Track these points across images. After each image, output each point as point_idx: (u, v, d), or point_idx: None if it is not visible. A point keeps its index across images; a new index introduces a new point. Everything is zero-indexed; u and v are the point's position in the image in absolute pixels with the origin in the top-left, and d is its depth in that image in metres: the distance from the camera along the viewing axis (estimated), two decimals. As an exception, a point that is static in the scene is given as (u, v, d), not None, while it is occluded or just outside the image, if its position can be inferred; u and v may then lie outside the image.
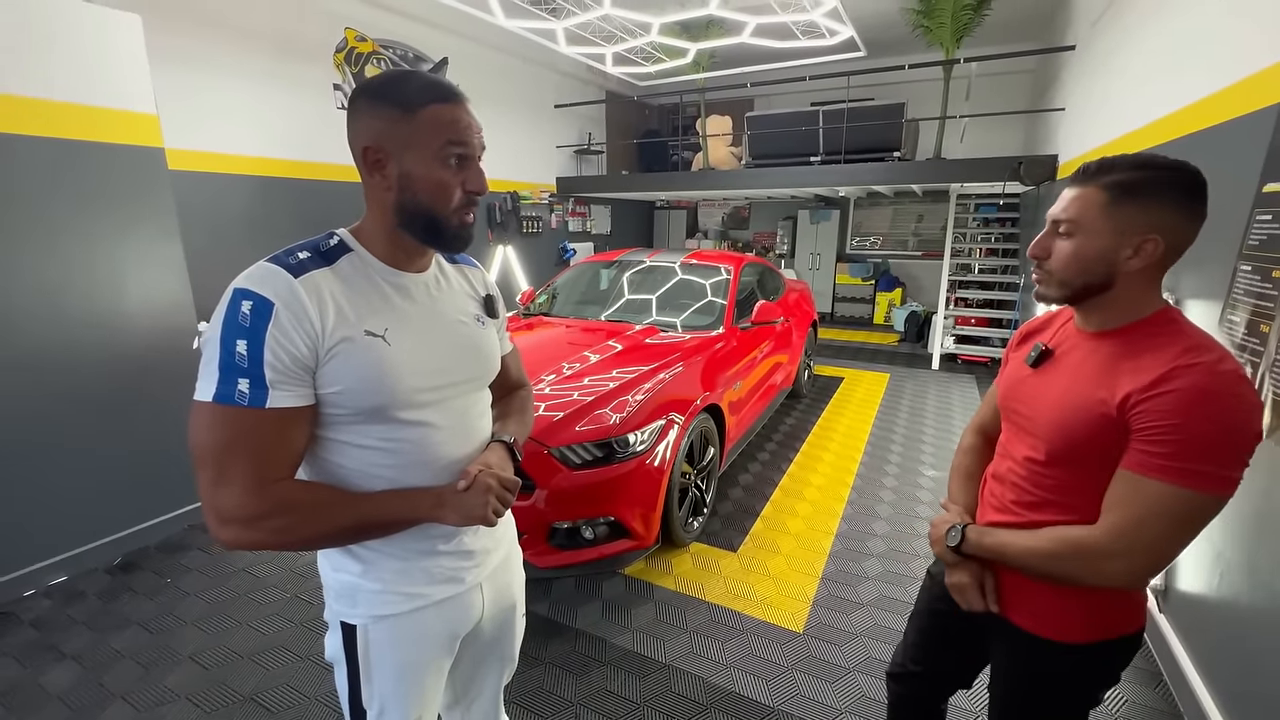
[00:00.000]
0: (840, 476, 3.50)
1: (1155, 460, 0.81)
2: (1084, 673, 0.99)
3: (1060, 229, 0.91)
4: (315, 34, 4.68)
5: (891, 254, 8.83)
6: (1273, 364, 1.49)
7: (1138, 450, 0.83)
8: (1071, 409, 0.90)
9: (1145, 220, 0.85)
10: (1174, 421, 0.79)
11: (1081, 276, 0.89)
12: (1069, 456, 0.92)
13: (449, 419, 0.92)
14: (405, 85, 0.82)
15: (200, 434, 0.76)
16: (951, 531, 1.02)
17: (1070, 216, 0.90)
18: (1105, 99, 3.85)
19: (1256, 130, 1.73)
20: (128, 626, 2.20)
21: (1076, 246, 0.89)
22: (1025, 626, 1.00)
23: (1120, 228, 0.85)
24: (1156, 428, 0.80)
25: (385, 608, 0.90)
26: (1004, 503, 1.03)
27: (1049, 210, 0.94)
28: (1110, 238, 0.86)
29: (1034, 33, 6.72)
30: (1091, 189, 0.88)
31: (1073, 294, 0.92)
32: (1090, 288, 0.90)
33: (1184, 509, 0.81)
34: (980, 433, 1.22)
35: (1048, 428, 0.94)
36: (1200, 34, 2.41)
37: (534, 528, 2.19)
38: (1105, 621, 0.96)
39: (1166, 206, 0.84)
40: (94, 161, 2.46)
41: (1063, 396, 0.93)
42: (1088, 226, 0.88)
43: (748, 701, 1.88)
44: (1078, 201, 0.89)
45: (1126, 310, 0.90)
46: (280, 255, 0.81)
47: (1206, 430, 0.78)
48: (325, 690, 1.90)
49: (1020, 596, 1.01)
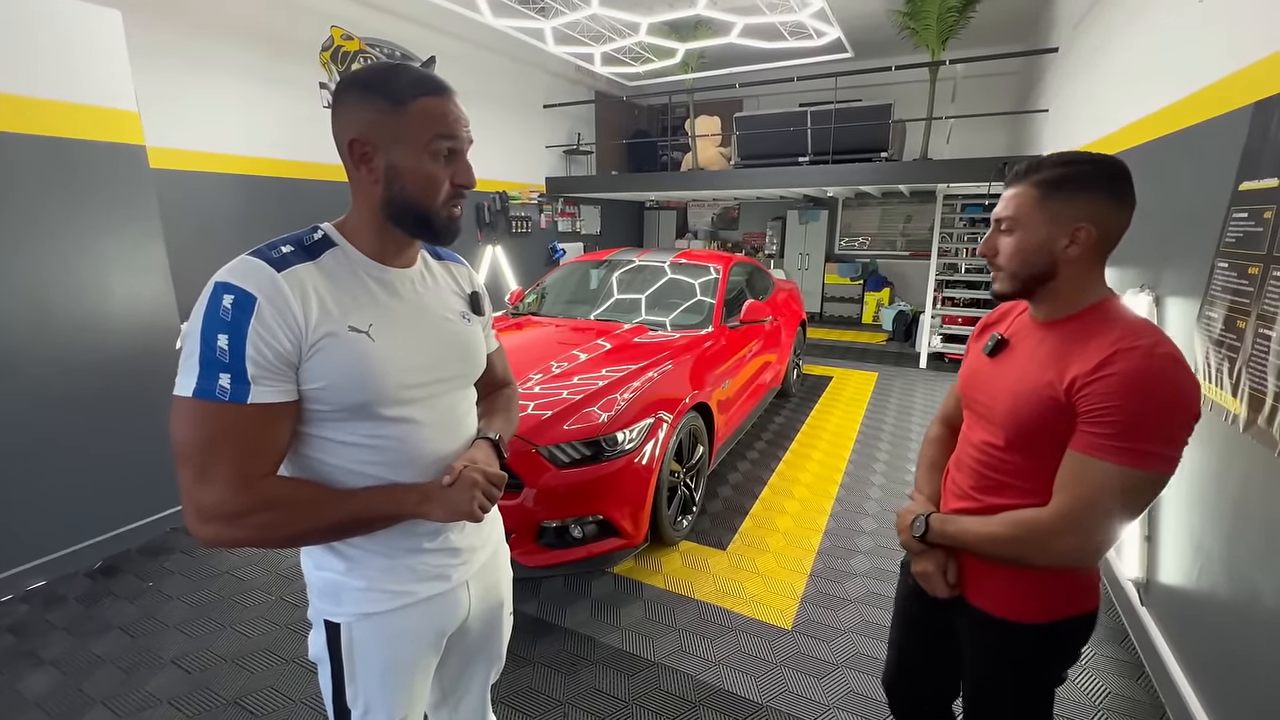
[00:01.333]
0: (829, 474, 3.52)
1: (1099, 440, 0.85)
2: (1043, 652, 1.04)
3: (1002, 227, 0.99)
4: (301, 32, 4.63)
5: (880, 254, 8.90)
6: (1249, 359, 1.52)
7: (1083, 431, 0.88)
8: (1024, 395, 0.96)
9: (1074, 211, 0.91)
10: (1115, 403, 0.84)
11: (1026, 267, 0.96)
12: (1023, 441, 0.96)
13: (434, 416, 0.91)
14: (394, 78, 0.81)
15: (181, 430, 0.74)
16: (916, 521, 1.07)
17: (1008, 214, 0.97)
18: (1087, 100, 3.91)
19: (1232, 130, 1.76)
20: (108, 631, 2.17)
21: (1018, 241, 0.96)
22: (986, 609, 1.05)
23: (1053, 219, 0.92)
24: (1099, 409, 0.85)
25: (370, 605, 0.90)
26: (964, 489, 1.08)
27: (992, 212, 1.02)
28: (1046, 229, 0.93)
29: (1018, 35, 6.80)
30: (1024, 187, 0.95)
31: (1023, 285, 0.98)
32: (1036, 277, 0.96)
33: (1126, 487, 0.85)
34: (944, 423, 1.28)
35: (1003, 413, 0.99)
36: (1178, 37, 2.45)
37: (522, 527, 2.18)
38: (1060, 602, 1.00)
39: (1093, 196, 0.91)
40: (73, 159, 2.42)
41: (1016, 383, 0.98)
42: (1024, 221, 0.95)
43: (736, 698, 1.88)
44: (1013, 200, 0.96)
45: (1071, 299, 0.96)
46: (263, 249, 0.80)
47: (1146, 410, 0.83)
48: (310, 693, 1.88)
49: (980, 580, 1.05)
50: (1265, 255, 1.50)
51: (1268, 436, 1.42)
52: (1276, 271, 1.45)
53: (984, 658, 1.10)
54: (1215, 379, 1.68)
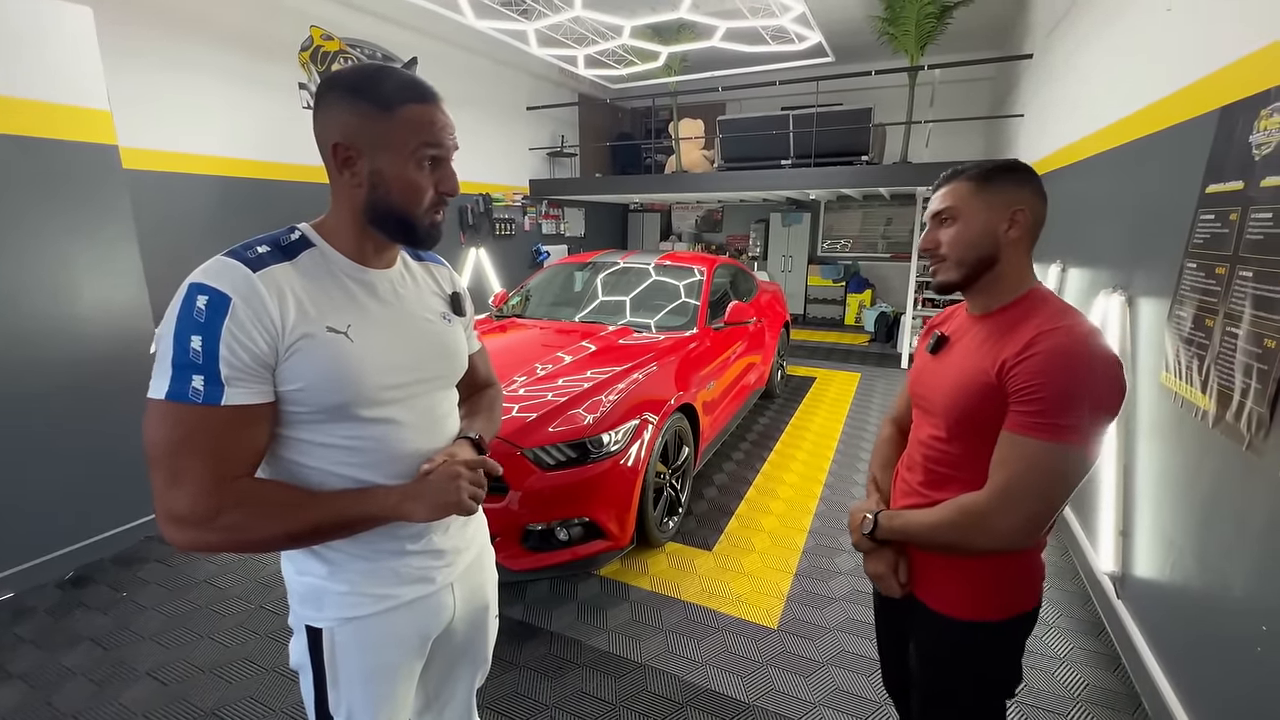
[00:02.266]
0: (813, 474, 3.55)
1: (1026, 419, 0.89)
2: (994, 649, 1.06)
3: (943, 218, 1.03)
4: (280, 32, 4.57)
5: (861, 256, 9.00)
6: (1217, 356, 1.56)
7: (1013, 412, 0.91)
8: (962, 385, 0.99)
9: (1007, 197, 0.98)
10: (1039, 380, 0.88)
11: (972, 251, 1.00)
12: (962, 429, 1.00)
13: (414, 415, 0.90)
14: (381, 83, 0.80)
15: (153, 432, 0.73)
16: (865, 519, 1.08)
17: (947, 205, 1.02)
18: (1060, 106, 4.00)
19: (1199, 135, 1.81)
20: (79, 643, 2.11)
21: (959, 229, 1.00)
22: (937, 607, 1.06)
23: (989, 205, 0.98)
24: (1024, 388, 0.89)
25: (353, 609, 0.88)
26: (912, 486, 1.11)
27: (928, 209, 1.07)
28: (985, 214, 0.98)
29: (994, 42, 6.94)
30: (957, 183, 1.02)
31: (969, 271, 1.01)
32: (982, 262, 1.00)
33: (1054, 462, 0.88)
34: (895, 424, 1.31)
35: (943, 405, 1.03)
36: (1148, 43, 2.52)
37: (507, 530, 2.16)
38: (1010, 599, 1.03)
39: (1020, 185, 0.99)
40: (43, 158, 2.36)
41: (956, 374, 1.02)
42: (963, 209, 1.00)
43: (723, 698, 1.88)
44: (949, 194, 1.02)
45: (1007, 290, 1.01)
46: (238, 249, 0.79)
47: (1068, 386, 0.86)
48: (291, 702, 1.84)
49: (928, 577, 1.08)
50: (1231, 256, 1.55)
51: (1236, 431, 1.46)
52: (1243, 271, 1.49)
53: (934, 657, 1.11)
54: (1185, 376, 1.72)
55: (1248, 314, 1.44)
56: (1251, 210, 1.48)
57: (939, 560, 1.06)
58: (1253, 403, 1.40)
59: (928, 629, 1.10)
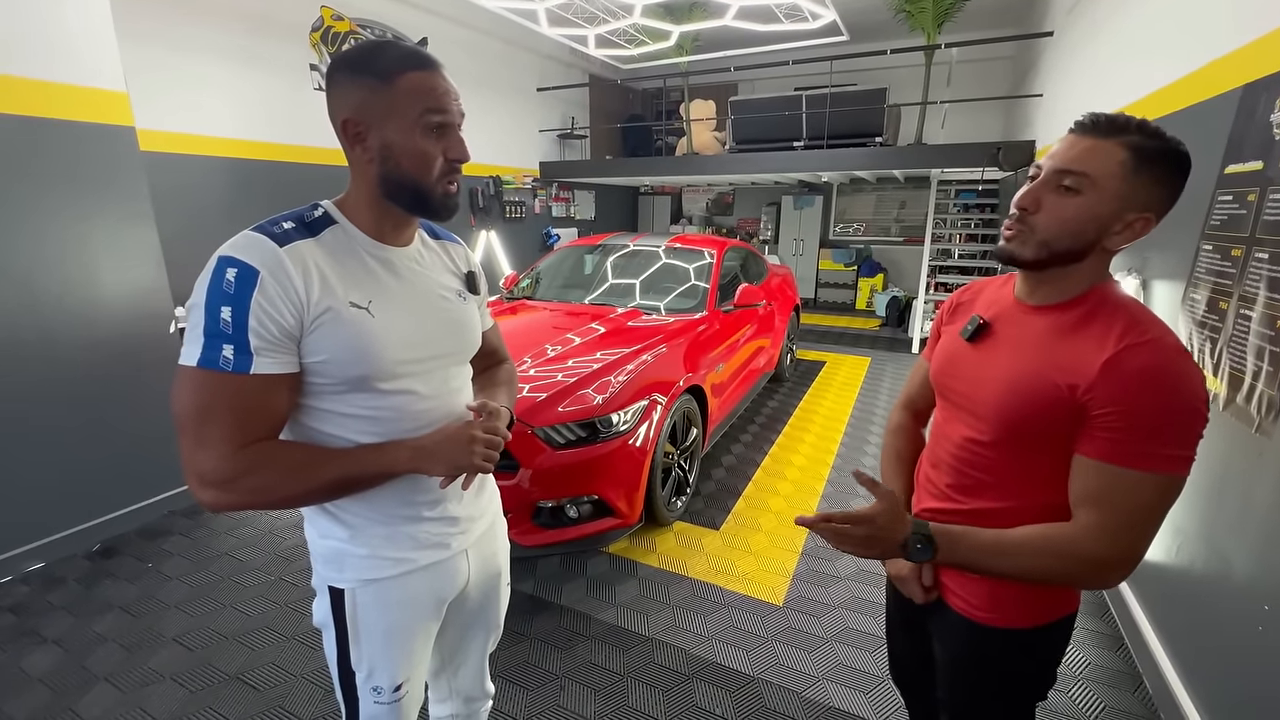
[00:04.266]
0: (821, 457, 3.57)
1: (1127, 448, 0.75)
2: (1031, 659, 0.96)
3: (1065, 182, 0.79)
4: (291, 13, 4.57)
5: (874, 240, 8.92)
6: (1230, 339, 1.55)
7: (1103, 438, 0.77)
8: (1019, 389, 0.85)
9: (1150, 195, 0.77)
10: (1138, 405, 0.74)
11: (1069, 240, 0.80)
12: (1014, 439, 0.86)
13: (431, 388, 0.93)
14: (381, 55, 0.82)
15: (183, 398, 0.76)
16: (914, 542, 0.81)
17: (1084, 169, 0.77)
18: (1081, 85, 3.92)
19: (1220, 114, 1.78)
20: (109, 610, 2.19)
21: (1081, 206, 0.78)
22: (963, 610, 0.96)
23: (1129, 196, 0.77)
24: (1121, 412, 0.75)
25: (372, 572, 0.92)
26: (940, 488, 0.98)
27: (1048, 158, 0.82)
28: (1116, 204, 0.77)
29: (1014, 19, 6.77)
30: (1110, 144, 0.77)
31: (1048, 258, 0.82)
32: (1069, 254, 0.81)
33: (1162, 496, 0.76)
34: (908, 408, 1.17)
35: (992, 408, 0.88)
36: (1170, 21, 2.46)
37: (519, 507, 2.21)
38: (1048, 605, 0.93)
39: (1170, 186, 0.78)
40: (63, 140, 2.40)
41: (1007, 374, 0.87)
42: (1102, 186, 0.77)
43: (729, 671, 1.93)
44: (1094, 154, 0.77)
45: (1078, 284, 0.84)
46: (265, 225, 0.82)
47: (1171, 410, 0.74)
48: (312, 668, 1.91)
49: (960, 583, 0.97)
50: (1248, 237, 1.53)
51: (1246, 414, 1.46)
52: (1259, 253, 1.48)
53: (965, 666, 1.01)
54: (1198, 359, 1.72)
55: (1262, 296, 1.43)
56: (1270, 191, 1.46)
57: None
58: (1264, 385, 1.40)
59: (956, 636, 0.99)
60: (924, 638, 1.09)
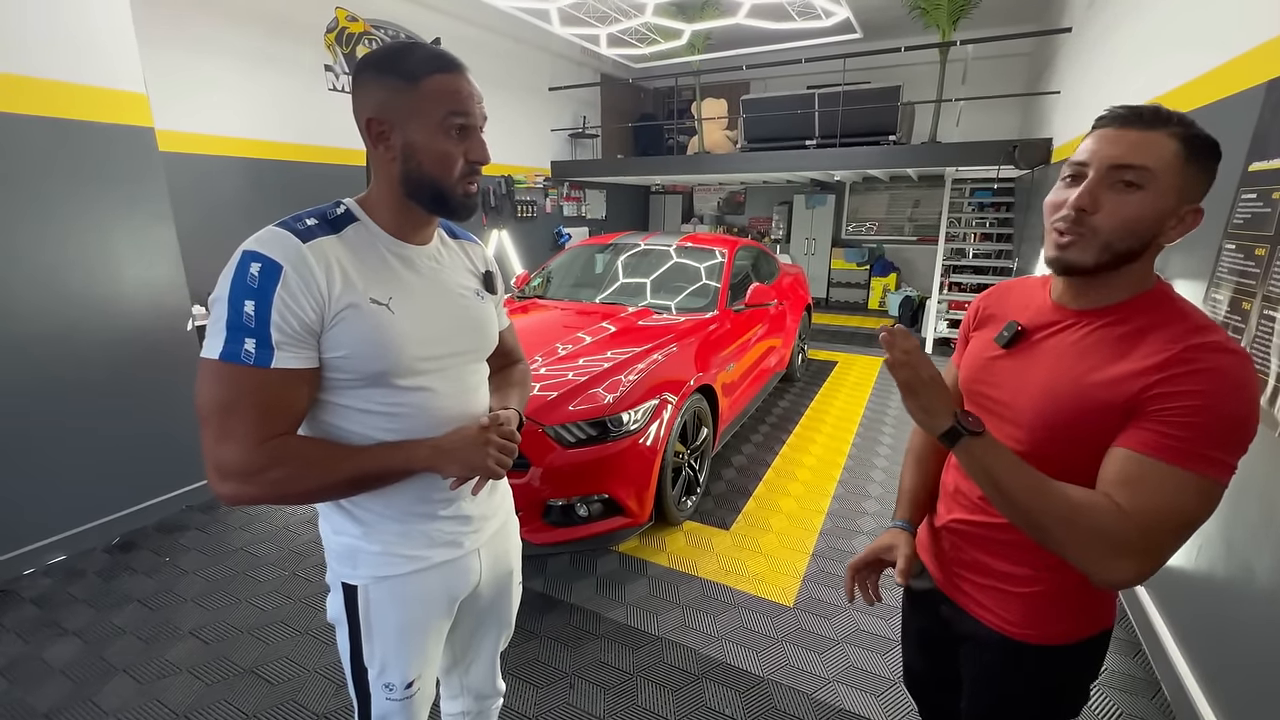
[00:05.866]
0: (832, 457, 3.55)
1: (1177, 444, 0.70)
2: (1069, 673, 0.92)
3: (1127, 177, 0.74)
4: (306, 14, 4.61)
5: (887, 239, 8.84)
6: (1253, 340, 1.52)
7: (1157, 433, 0.72)
8: (1065, 397, 0.80)
9: (1199, 186, 0.75)
10: (1198, 403, 0.70)
11: (1131, 240, 0.75)
12: (1055, 445, 0.81)
13: (448, 385, 0.94)
14: (408, 56, 0.83)
15: (205, 390, 0.77)
16: (969, 415, 0.78)
17: (1144, 162, 0.73)
18: (1100, 81, 3.85)
19: (1244, 110, 1.74)
20: (128, 603, 2.23)
21: (1144, 202, 0.73)
22: (994, 624, 0.92)
23: (1183, 189, 0.73)
24: (1176, 409, 0.71)
25: (386, 569, 0.93)
26: (973, 500, 0.93)
27: (1093, 154, 0.76)
28: (1174, 199, 0.73)
29: (1031, 15, 6.68)
30: (1161, 135, 0.73)
31: (1109, 261, 0.77)
32: (1129, 255, 0.77)
33: (1204, 501, 0.71)
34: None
35: (1034, 416, 0.83)
36: (1191, 15, 2.42)
37: (529, 505, 2.22)
38: (1083, 620, 0.89)
39: (1211, 176, 0.75)
40: (83, 141, 2.44)
41: (1052, 382, 0.82)
42: (1163, 179, 0.73)
43: (738, 671, 1.92)
44: (1150, 146, 0.73)
45: (1129, 284, 0.80)
46: (288, 221, 0.83)
47: (1231, 413, 0.70)
48: (325, 663, 1.93)
49: (994, 598, 0.92)
50: (1272, 236, 1.50)
51: (1270, 417, 1.43)
52: (1283, 252, 1.44)
53: (997, 685, 0.96)
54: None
55: (1286, 296, 1.40)
56: (1295, 188, 1.43)
57: (1002, 567, 0.90)
58: (1288, 387, 1.37)
59: (988, 653, 0.94)
60: (945, 659, 1.05)
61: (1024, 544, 0.86)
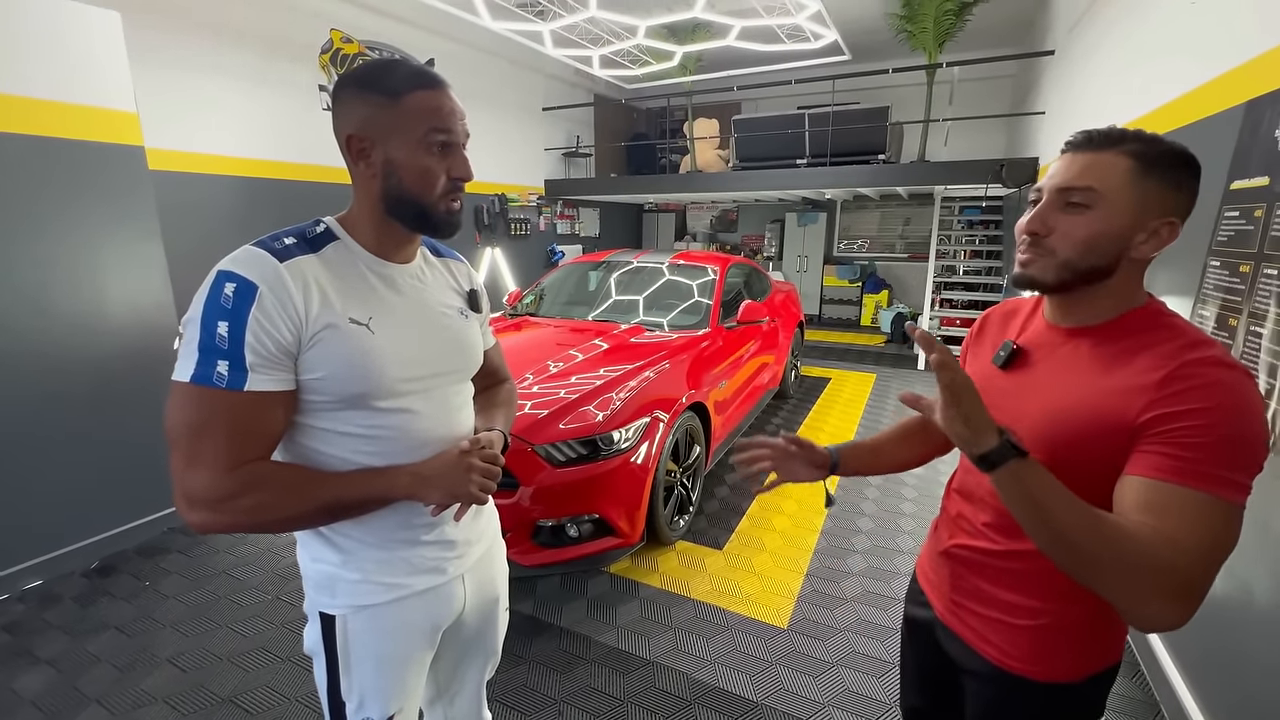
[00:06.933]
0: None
1: (1197, 467, 0.66)
2: (1076, 710, 0.88)
3: (1073, 199, 0.76)
4: (300, 35, 4.65)
5: (878, 256, 8.92)
6: (1241, 357, 1.52)
7: (1166, 455, 0.68)
8: (1063, 419, 0.78)
9: (1167, 199, 0.75)
10: (1203, 421, 0.67)
11: (1090, 259, 0.76)
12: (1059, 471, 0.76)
13: (431, 407, 0.92)
14: (390, 73, 0.82)
15: (175, 415, 0.75)
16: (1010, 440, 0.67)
17: (1089, 184, 0.75)
18: (1083, 102, 3.93)
19: (1224, 129, 1.77)
20: (104, 630, 2.17)
21: (1093, 221, 0.75)
22: (998, 660, 0.88)
23: (1143, 204, 0.74)
24: (1184, 429, 0.67)
25: (365, 598, 0.90)
26: (977, 526, 0.89)
27: (1048, 179, 0.80)
28: (1131, 215, 0.74)
29: (1015, 38, 6.83)
30: (1111, 155, 0.75)
31: (1072, 279, 0.78)
32: (1094, 273, 0.77)
33: (1230, 528, 0.67)
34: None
35: (1033, 440, 0.78)
36: (1171, 38, 2.47)
37: (518, 526, 2.18)
38: (1093, 655, 0.85)
39: (1183, 190, 0.75)
40: (73, 159, 2.43)
41: (1049, 404, 0.80)
42: (1112, 199, 0.74)
43: (731, 696, 1.88)
44: (1096, 168, 0.75)
45: (1117, 302, 0.79)
46: (266, 240, 0.81)
47: (1243, 431, 0.67)
48: (306, 691, 1.88)
49: (999, 632, 0.88)
50: (1256, 253, 1.51)
51: (1259, 433, 1.43)
52: (1268, 269, 1.46)
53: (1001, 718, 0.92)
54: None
55: (1273, 313, 1.41)
56: (1277, 206, 1.45)
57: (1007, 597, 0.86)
58: (1275, 404, 1.37)
59: (992, 690, 0.90)
60: (946, 694, 1.01)
61: (1031, 573, 0.83)
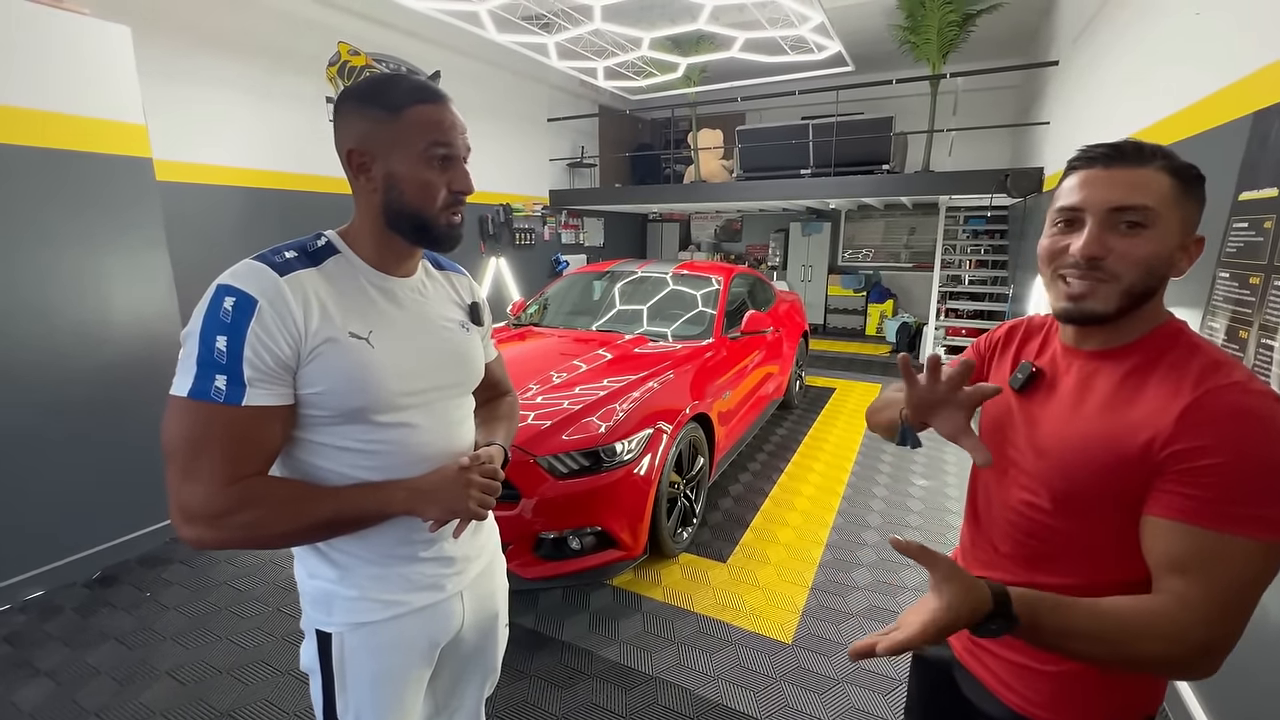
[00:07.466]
0: (831, 486, 3.49)
1: (1225, 509, 0.63)
2: None
3: (1131, 218, 0.70)
4: (308, 48, 4.70)
5: (883, 266, 8.91)
6: (1252, 368, 1.50)
7: (1190, 496, 0.65)
8: (1081, 446, 0.74)
9: (1196, 215, 0.72)
10: (1227, 459, 0.63)
11: (1147, 281, 0.71)
12: (1078, 503, 0.75)
13: (431, 421, 0.91)
14: (391, 87, 0.83)
15: (172, 428, 0.75)
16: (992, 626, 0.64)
17: (1145, 202, 0.69)
18: (1088, 112, 3.92)
19: (1231, 141, 1.76)
20: (104, 642, 2.16)
21: (1151, 242, 0.70)
22: (1020, 708, 0.82)
23: (1186, 223, 0.71)
24: (1208, 466, 0.64)
25: (362, 615, 0.89)
26: (994, 556, 0.85)
27: (1091, 197, 0.72)
28: (1179, 234, 0.71)
29: (1019, 49, 6.85)
30: (1153, 171, 0.70)
31: (1130, 306, 0.72)
32: (1147, 294, 0.72)
33: (1270, 567, 0.64)
34: None
35: (1049, 468, 0.77)
36: (1177, 49, 2.46)
37: (520, 538, 2.16)
38: (1123, 706, 0.79)
39: (1203, 203, 0.73)
40: (83, 171, 2.46)
41: (1066, 429, 0.77)
42: (1166, 216, 0.70)
43: (735, 714, 1.85)
44: (1146, 184, 0.70)
45: (1140, 324, 0.75)
46: (266, 254, 0.81)
47: (1269, 461, 0.63)
48: (303, 706, 1.86)
49: (1018, 676, 0.83)
50: (1266, 265, 1.50)
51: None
52: (1278, 281, 1.44)
53: None
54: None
55: (1284, 326, 1.39)
56: (1287, 218, 1.43)
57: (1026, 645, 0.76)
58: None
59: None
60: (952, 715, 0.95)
61: None
